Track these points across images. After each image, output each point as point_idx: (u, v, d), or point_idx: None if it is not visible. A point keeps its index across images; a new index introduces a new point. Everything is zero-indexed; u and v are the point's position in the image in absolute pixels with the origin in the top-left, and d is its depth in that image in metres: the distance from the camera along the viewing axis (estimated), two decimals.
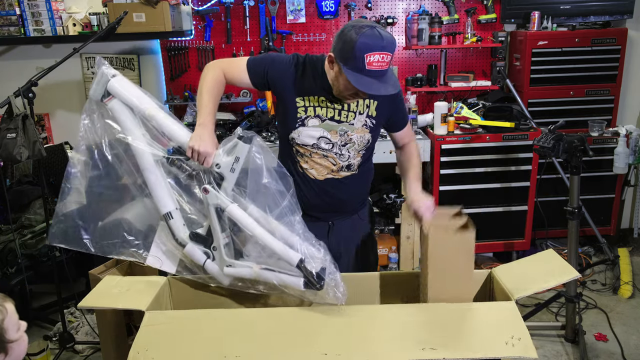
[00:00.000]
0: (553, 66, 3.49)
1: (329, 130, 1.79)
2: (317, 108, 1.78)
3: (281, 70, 1.78)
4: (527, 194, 3.40)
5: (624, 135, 3.36)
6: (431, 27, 3.51)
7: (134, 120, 1.63)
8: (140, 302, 1.57)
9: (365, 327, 1.50)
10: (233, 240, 1.66)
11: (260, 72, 1.78)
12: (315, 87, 1.77)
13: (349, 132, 1.80)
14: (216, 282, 1.70)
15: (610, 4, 3.50)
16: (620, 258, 3.48)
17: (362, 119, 1.81)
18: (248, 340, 1.45)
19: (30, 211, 3.06)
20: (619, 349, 2.66)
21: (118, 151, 1.64)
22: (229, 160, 1.57)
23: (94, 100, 1.65)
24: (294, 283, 1.54)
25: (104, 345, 1.96)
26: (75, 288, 2.98)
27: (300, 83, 1.78)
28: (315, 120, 1.79)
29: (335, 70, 1.67)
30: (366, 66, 1.56)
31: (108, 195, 1.69)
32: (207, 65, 1.79)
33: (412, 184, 1.88)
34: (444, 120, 3.31)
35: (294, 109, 1.79)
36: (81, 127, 1.68)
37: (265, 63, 1.79)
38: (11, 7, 3.30)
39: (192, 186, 1.66)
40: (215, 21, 3.57)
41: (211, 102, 1.69)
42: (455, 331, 1.45)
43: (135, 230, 1.70)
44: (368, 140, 1.85)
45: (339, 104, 1.78)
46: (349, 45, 1.56)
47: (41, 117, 3.65)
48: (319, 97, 1.78)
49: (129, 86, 1.64)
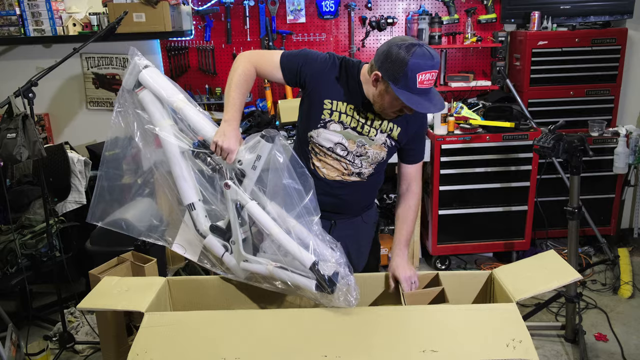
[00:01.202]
0: (553, 66, 3.49)
1: (348, 139, 1.78)
2: (342, 115, 1.75)
3: (316, 69, 1.74)
4: (527, 194, 3.40)
5: (624, 135, 3.36)
6: (431, 27, 3.51)
7: (163, 111, 1.67)
8: (139, 303, 1.57)
9: (365, 329, 1.49)
10: (251, 236, 1.68)
11: (294, 70, 1.75)
12: (348, 94, 1.74)
13: (366, 146, 1.79)
14: (233, 275, 1.72)
15: (610, 4, 3.50)
16: (620, 258, 3.48)
17: (383, 138, 1.80)
18: (248, 342, 1.45)
19: (30, 211, 3.05)
20: (619, 349, 2.66)
21: (147, 141, 1.69)
22: (251, 157, 1.58)
23: (126, 89, 1.69)
24: (307, 285, 1.55)
25: (104, 346, 1.96)
26: (75, 288, 2.98)
27: (334, 86, 1.75)
28: (338, 125, 1.76)
29: (380, 88, 1.64)
30: (417, 85, 1.54)
31: (137, 183, 1.74)
32: (239, 57, 1.75)
33: (399, 248, 1.88)
34: (444, 120, 3.31)
35: (319, 109, 1.76)
36: (113, 114, 1.70)
37: (299, 60, 1.74)
38: (11, 7, 3.30)
39: (216, 180, 1.68)
40: (215, 21, 3.57)
41: (239, 98, 1.69)
42: (455, 333, 1.45)
43: (160, 216, 1.76)
44: (383, 157, 1.84)
45: (364, 116, 1.76)
46: (400, 65, 1.53)
47: (41, 117, 3.65)
48: (347, 105, 1.75)
49: (160, 78, 1.68)
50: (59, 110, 3.74)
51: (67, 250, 2.99)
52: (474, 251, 3.59)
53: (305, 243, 1.56)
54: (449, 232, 3.45)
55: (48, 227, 2.67)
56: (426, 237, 3.60)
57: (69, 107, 3.75)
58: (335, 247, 1.60)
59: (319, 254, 1.55)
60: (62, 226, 2.94)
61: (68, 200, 3.14)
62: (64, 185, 3.11)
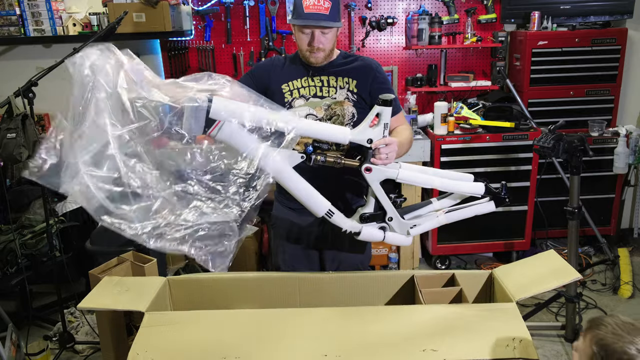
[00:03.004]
0: (553, 66, 3.49)
1: (314, 107, 1.89)
2: (300, 89, 1.90)
3: (263, 68, 1.95)
4: (527, 194, 3.40)
5: (624, 135, 3.36)
6: (431, 27, 3.51)
7: (253, 136, 1.48)
8: (139, 303, 1.58)
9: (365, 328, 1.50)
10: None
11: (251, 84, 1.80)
12: (296, 71, 1.91)
13: (332, 106, 1.88)
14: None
15: (610, 4, 3.50)
16: (620, 258, 3.47)
17: (344, 93, 1.90)
18: (248, 341, 1.45)
19: (30, 211, 3.06)
20: None
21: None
22: (379, 130, 1.59)
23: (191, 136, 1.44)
24: (485, 208, 1.76)
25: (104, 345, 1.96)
26: (75, 288, 2.98)
27: (282, 71, 1.92)
28: (301, 100, 1.90)
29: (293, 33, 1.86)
30: (305, 10, 1.75)
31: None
32: None
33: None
34: (444, 120, 3.31)
35: (281, 95, 1.89)
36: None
37: (249, 74, 1.95)
38: (11, 7, 3.29)
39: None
40: (215, 21, 3.57)
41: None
42: (456, 333, 1.45)
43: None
44: (352, 113, 1.89)
45: (319, 81, 1.89)
46: (293, 3, 1.80)
47: (41, 117, 3.64)
48: (301, 79, 1.90)
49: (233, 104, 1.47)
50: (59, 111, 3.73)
51: (67, 250, 2.98)
52: (474, 251, 3.59)
53: (456, 176, 1.78)
54: (449, 232, 3.45)
55: (48, 227, 2.67)
56: (426, 237, 3.60)
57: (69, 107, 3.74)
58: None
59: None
60: (62, 226, 2.94)
61: (68, 200, 3.14)
62: None
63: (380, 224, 1.71)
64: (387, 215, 1.70)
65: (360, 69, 1.91)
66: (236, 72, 3.65)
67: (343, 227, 1.70)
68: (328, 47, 1.84)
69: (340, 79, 1.90)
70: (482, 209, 1.76)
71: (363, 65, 1.92)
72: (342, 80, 1.90)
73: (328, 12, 1.75)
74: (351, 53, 2.00)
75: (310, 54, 1.84)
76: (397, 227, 1.71)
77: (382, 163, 1.62)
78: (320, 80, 1.90)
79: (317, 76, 1.90)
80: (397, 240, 1.74)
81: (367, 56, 1.99)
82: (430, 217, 1.77)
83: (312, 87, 1.90)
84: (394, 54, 3.71)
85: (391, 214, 1.70)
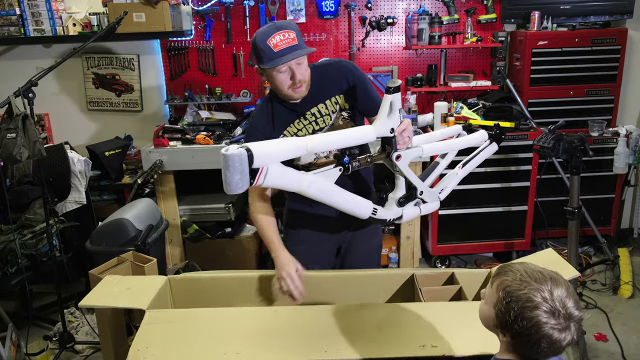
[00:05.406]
0: (553, 66, 3.49)
1: None
2: (298, 133, 1.83)
3: (260, 125, 1.84)
4: (527, 194, 3.40)
5: (624, 135, 3.36)
6: (431, 27, 3.51)
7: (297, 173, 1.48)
8: (140, 301, 1.58)
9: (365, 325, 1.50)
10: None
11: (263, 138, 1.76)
12: (286, 115, 1.83)
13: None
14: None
15: (610, 4, 3.51)
16: (620, 258, 3.47)
17: (338, 115, 1.85)
18: (248, 338, 1.46)
19: (30, 211, 3.05)
20: (619, 349, 2.66)
21: None
22: (396, 117, 1.61)
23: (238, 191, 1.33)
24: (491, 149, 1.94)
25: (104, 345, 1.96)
26: (75, 288, 2.98)
27: (276, 121, 1.84)
28: None
29: (265, 78, 1.76)
30: (275, 50, 1.63)
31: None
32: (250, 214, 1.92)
33: None
34: (444, 120, 3.31)
35: None
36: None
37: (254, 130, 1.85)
38: (11, 7, 3.30)
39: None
40: (215, 21, 3.57)
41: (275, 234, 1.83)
42: (455, 329, 1.46)
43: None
44: (352, 126, 1.87)
45: (311, 115, 1.82)
46: (253, 48, 1.68)
47: (41, 117, 3.65)
48: (293, 123, 1.83)
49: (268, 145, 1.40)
50: (59, 110, 3.74)
51: (67, 250, 2.99)
52: (474, 251, 3.59)
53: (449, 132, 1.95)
54: (449, 232, 3.45)
55: (48, 227, 2.67)
56: (426, 237, 3.60)
57: (69, 107, 3.75)
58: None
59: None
60: (62, 226, 2.94)
61: (68, 200, 3.14)
62: (64, 185, 3.11)
63: (415, 201, 1.78)
64: (419, 190, 1.77)
65: (336, 73, 1.82)
66: (236, 72, 3.66)
67: (387, 218, 1.73)
68: (307, 75, 1.75)
69: (329, 103, 1.82)
70: (489, 151, 1.95)
71: (338, 67, 1.84)
72: (331, 103, 1.83)
73: (296, 41, 1.65)
74: (316, 62, 1.89)
75: (294, 91, 1.74)
76: (428, 197, 1.80)
77: (407, 145, 1.66)
78: (312, 114, 1.82)
79: (307, 111, 1.82)
80: (430, 208, 1.84)
81: (339, 58, 1.94)
82: (451, 176, 1.90)
83: (308, 126, 1.83)
84: (394, 54, 3.72)
85: (422, 187, 1.77)
